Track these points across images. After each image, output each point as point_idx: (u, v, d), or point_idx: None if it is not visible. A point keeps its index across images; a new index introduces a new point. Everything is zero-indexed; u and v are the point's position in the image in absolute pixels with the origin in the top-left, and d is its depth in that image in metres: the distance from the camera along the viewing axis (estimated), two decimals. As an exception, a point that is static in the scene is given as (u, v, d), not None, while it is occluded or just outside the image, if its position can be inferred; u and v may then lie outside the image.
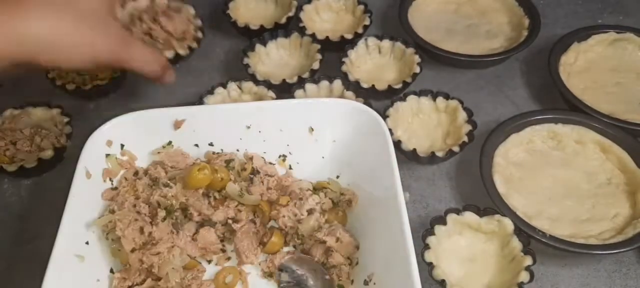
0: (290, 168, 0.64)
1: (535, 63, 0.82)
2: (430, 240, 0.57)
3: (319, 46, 0.78)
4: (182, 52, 0.69)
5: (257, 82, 0.73)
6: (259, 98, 0.72)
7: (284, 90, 0.72)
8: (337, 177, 0.63)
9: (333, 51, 0.78)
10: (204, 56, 0.82)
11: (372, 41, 0.79)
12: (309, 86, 0.72)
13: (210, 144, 0.63)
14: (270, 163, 0.64)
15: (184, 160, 0.61)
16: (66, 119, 0.71)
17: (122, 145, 0.61)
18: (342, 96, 0.71)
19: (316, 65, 0.75)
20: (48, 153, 0.66)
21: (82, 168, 0.56)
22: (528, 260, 0.55)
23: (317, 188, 0.61)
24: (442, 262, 0.57)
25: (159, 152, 0.62)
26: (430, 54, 0.79)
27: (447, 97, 0.71)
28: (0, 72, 0.46)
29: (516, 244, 0.57)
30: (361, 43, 0.79)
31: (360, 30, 0.80)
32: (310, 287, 0.54)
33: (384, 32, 0.80)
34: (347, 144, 0.62)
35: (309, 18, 0.85)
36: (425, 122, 0.72)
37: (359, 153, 0.61)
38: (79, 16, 0.49)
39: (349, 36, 0.79)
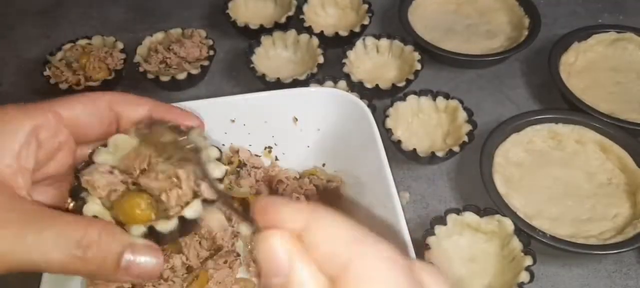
0: (276, 159, 0.64)
1: (535, 63, 0.82)
2: (431, 240, 0.57)
3: (318, 41, 0.78)
4: (194, 71, 0.75)
5: (265, 82, 0.73)
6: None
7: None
8: (323, 165, 0.63)
9: (334, 48, 0.79)
10: (203, 56, 0.82)
11: (370, 41, 0.79)
12: (314, 86, 0.72)
13: None
14: (256, 155, 0.64)
15: None
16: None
17: None
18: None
19: (321, 59, 0.75)
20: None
21: None
22: (528, 260, 0.55)
23: (303, 177, 0.62)
24: (442, 263, 0.57)
25: None
26: (430, 54, 0.79)
27: (447, 97, 0.71)
28: None
29: (516, 244, 0.57)
30: (359, 43, 0.79)
31: (357, 30, 0.80)
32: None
33: (384, 31, 0.80)
34: (331, 132, 0.62)
35: (314, 12, 0.86)
36: (425, 122, 0.72)
37: (344, 140, 0.61)
38: None
39: (344, 33, 0.79)
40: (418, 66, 0.75)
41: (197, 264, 0.54)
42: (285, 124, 0.63)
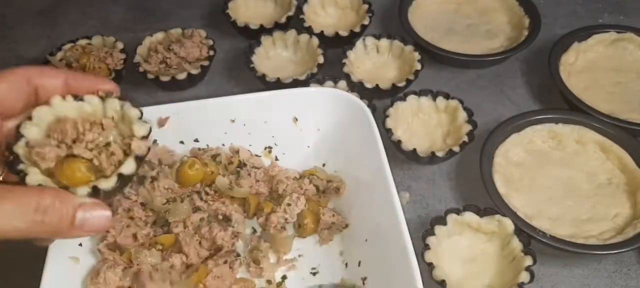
0: (276, 159, 0.64)
1: (536, 63, 0.82)
2: (430, 240, 0.57)
3: (318, 41, 0.78)
4: (194, 72, 0.75)
5: (265, 82, 0.73)
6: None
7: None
8: (323, 165, 0.63)
9: (334, 48, 0.79)
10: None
11: (370, 41, 0.79)
12: (314, 86, 0.72)
13: (196, 140, 0.63)
14: (256, 155, 0.64)
15: (170, 158, 0.61)
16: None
17: None
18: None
19: (321, 59, 0.75)
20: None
21: None
22: (528, 260, 0.55)
23: (303, 177, 0.62)
24: (443, 263, 0.57)
25: None
26: (430, 54, 0.79)
27: (447, 97, 0.71)
28: None
29: (516, 244, 0.57)
30: (359, 43, 0.79)
31: (357, 30, 0.80)
32: None
33: (384, 31, 0.80)
34: (331, 132, 0.62)
35: (314, 12, 0.86)
36: (425, 122, 0.72)
37: (344, 140, 0.61)
38: None
39: (344, 33, 0.79)
40: (418, 66, 0.75)
41: (197, 263, 0.54)
42: (285, 124, 0.63)
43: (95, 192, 0.41)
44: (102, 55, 0.76)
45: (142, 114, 0.45)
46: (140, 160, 0.43)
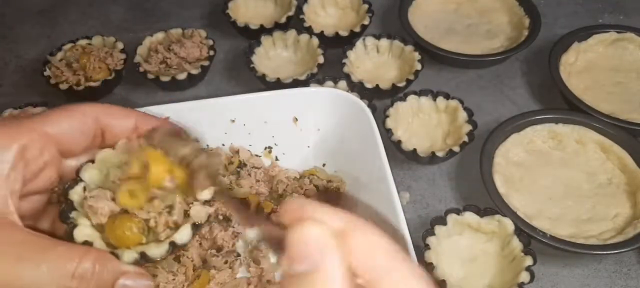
0: (276, 159, 0.64)
1: (536, 63, 0.82)
2: (431, 240, 0.57)
3: (318, 41, 0.78)
4: (194, 72, 0.75)
5: (265, 82, 0.73)
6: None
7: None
8: (323, 165, 0.64)
9: (334, 48, 0.79)
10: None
11: (370, 41, 0.79)
12: (314, 86, 0.72)
13: (196, 140, 0.63)
14: (256, 155, 0.64)
15: None
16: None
17: None
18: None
19: (321, 59, 0.75)
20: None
21: None
22: (528, 260, 0.55)
23: (303, 177, 0.62)
24: (443, 262, 0.57)
25: None
26: (430, 54, 0.79)
27: (447, 97, 0.71)
28: None
29: (516, 244, 0.57)
30: (359, 43, 0.79)
31: (357, 30, 0.80)
32: None
33: (384, 31, 0.80)
34: (331, 132, 0.62)
35: (314, 12, 0.86)
36: (426, 122, 0.72)
37: (344, 140, 0.61)
38: None
39: (344, 33, 0.79)
40: (418, 66, 0.75)
41: (198, 263, 0.54)
42: (285, 124, 0.63)
43: (142, 257, 0.36)
44: (102, 55, 0.76)
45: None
46: (197, 228, 0.38)
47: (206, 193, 0.38)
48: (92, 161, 0.39)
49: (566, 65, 0.76)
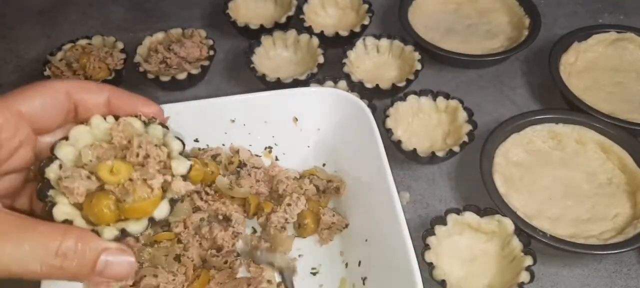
0: (276, 159, 0.64)
1: (536, 63, 0.82)
2: (431, 240, 0.57)
3: (318, 41, 0.78)
4: (194, 72, 0.75)
5: (265, 82, 0.73)
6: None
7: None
8: (323, 165, 0.64)
9: (334, 48, 0.79)
10: (203, 56, 0.82)
11: (370, 41, 0.79)
12: (314, 86, 0.72)
13: (196, 140, 0.63)
14: (256, 155, 0.64)
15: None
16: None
17: None
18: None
19: (321, 59, 0.75)
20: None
21: None
22: (528, 260, 0.55)
23: (303, 177, 0.62)
24: (443, 262, 0.57)
25: None
26: (430, 54, 0.79)
27: (447, 97, 0.71)
28: None
29: (516, 244, 0.57)
30: (359, 43, 0.79)
31: (357, 30, 0.80)
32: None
33: (384, 31, 0.80)
34: (331, 132, 0.62)
35: (314, 12, 0.86)
36: (426, 122, 0.72)
37: (344, 140, 0.61)
38: None
39: (344, 33, 0.79)
40: (418, 66, 0.75)
41: (198, 263, 0.54)
42: (285, 124, 0.63)
43: (122, 234, 0.37)
44: (102, 55, 0.76)
45: (184, 146, 0.41)
46: (174, 202, 0.38)
47: (182, 167, 0.39)
48: (66, 138, 0.39)
49: (566, 65, 0.76)
